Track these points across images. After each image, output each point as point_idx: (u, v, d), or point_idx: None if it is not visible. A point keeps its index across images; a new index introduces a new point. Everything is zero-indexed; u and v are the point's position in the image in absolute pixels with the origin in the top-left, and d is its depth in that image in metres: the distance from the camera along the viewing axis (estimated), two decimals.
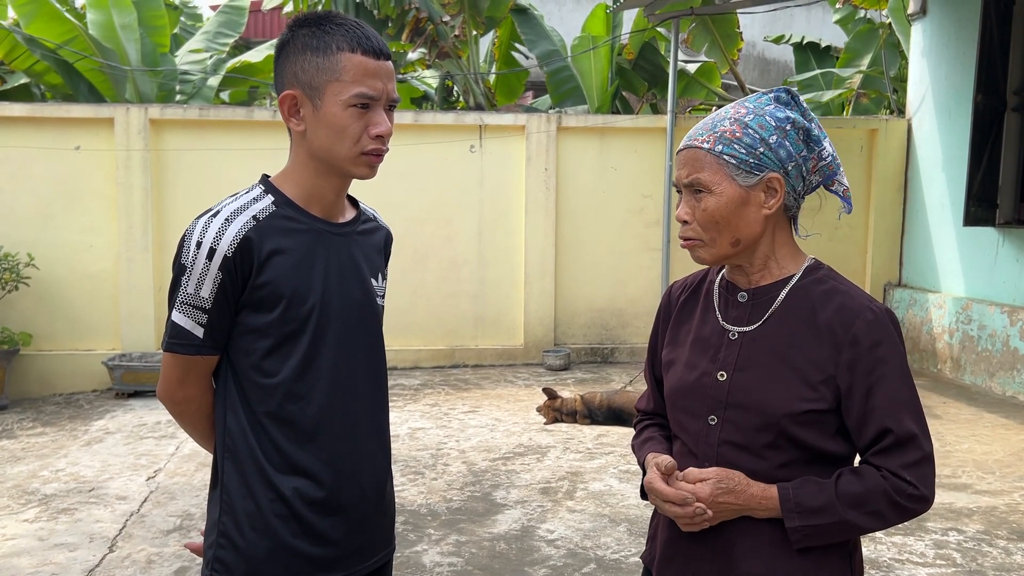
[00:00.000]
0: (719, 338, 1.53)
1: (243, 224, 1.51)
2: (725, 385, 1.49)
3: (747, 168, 1.44)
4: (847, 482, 1.41)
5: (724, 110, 1.50)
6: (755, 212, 1.46)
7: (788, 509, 1.40)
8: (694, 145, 1.47)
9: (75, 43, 7.79)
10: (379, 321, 1.70)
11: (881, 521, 1.41)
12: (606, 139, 7.76)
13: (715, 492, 1.42)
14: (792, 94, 1.50)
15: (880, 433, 1.40)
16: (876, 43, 9.77)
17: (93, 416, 6.15)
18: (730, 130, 1.45)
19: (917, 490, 1.39)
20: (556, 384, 6.81)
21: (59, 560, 3.67)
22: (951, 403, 6.33)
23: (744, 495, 1.42)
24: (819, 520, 1.39)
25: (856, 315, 1.43)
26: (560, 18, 12.80)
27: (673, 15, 7.57)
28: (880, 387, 1.41)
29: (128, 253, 7.05)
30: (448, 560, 3.66)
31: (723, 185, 1.44)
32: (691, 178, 1.46)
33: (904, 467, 1.39)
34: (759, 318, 1.50)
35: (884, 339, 1.42)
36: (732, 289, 1.55)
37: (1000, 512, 4.20)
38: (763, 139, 1.44)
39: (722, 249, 1.48)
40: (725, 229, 1.45)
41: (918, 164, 7.90)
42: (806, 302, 1.47)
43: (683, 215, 1.48)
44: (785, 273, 1.51)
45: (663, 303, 1.69)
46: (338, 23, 1.53)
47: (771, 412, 1.43)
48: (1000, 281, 6.76)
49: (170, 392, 1.59)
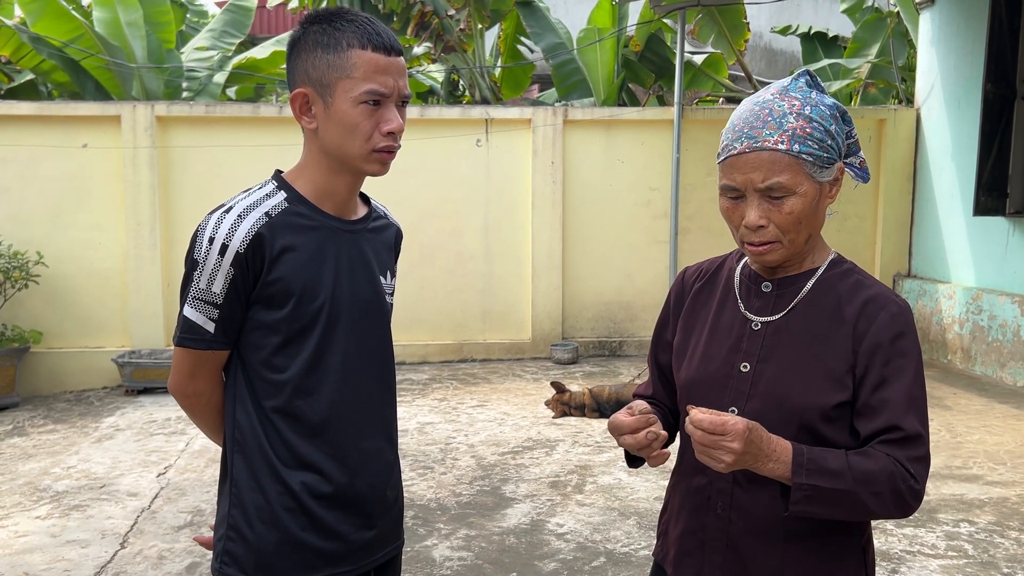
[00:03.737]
0: (741, 327, 1.50)
1: (256, 220, 1.51)
2: (749, 376, 1.46)
3: (821, 164, 1.40)
4: (858, 459, 1.37)
5: (774, 103, 1.42)
6: (824, 205, 1.44)
7: (799, 464, 1.34)
8: (766, 147, 1.38)
9: (81, 41, 7.81)
10: (388, 318, 1.71)
11: (879, 505, 1.36)
12: (613, 132, 7.74)
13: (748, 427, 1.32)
14: (813, 75, 1.47)
15: (888, 427, 1.39)
16: (884, 32, 9.71)
17: (103, 413, 6.18)
18: (799, 126, 1.38)
19: (917, 484, 1.38)
20: (564, 378, 6.80)
21: (71, 557, 3.69)
22: (961, 394, 6.30)
23: (765, 441, 1.34)
24: (827, 483, 1.33)
25: (881, 307, 1.42)
26: (565, 10, 12.76)
27: (679, 6, 7.53)
28: (896, 380, 1.39)
29: (136, 250, 7.07)
30: (458, 554, 3.67)
31: (805, 185, 1.39)
32: (770, 181, 1.38)
33: (909, 460, 1.37)
34: (783, 308, 1.47)
35: (906, 332, 1.42)
36: (756, 278, 1.52)
37: (1012, 503, 4.18)
38: (827, 130, 1.41)
39: (797, 247, 1.44)
40: (805, 228, 1.42)
41: (927, 154, 7.85)
42: (832, 295, 1.46)
43: (759, 220, 1.40)
44: (812, 265, 1.49)
45: (675, 288, 1.66)
46: (349, 19, 1.52)
47: (795, 405, 1.41)
48: (1010, 271, 6.72)
49: (181, 386, 1.60)
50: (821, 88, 1.46)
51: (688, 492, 1.54)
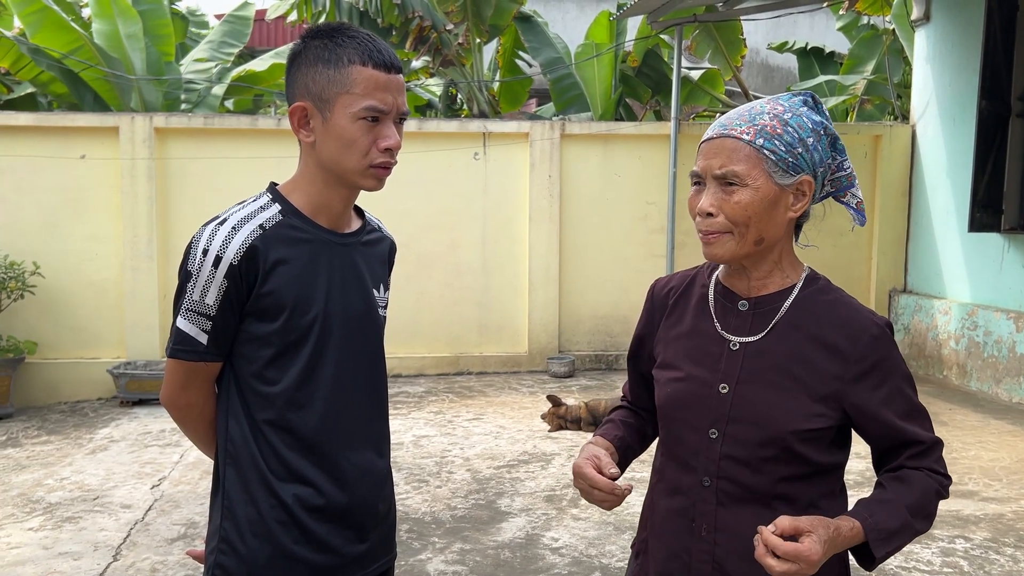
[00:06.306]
0: (719, 348, 1.47)
1: (249, 233, 1.51)
2: (728, 398, 1.44)
3: (784, 167, 1.38)
4: (904, 493, 1.41)
5: (759, 104, 1.43)
6: (782, 213, 1.41)
7: (875, 539, 1.35)
8: (731, 135, 1.39)
9: (81, 52, 7.83)
10: (380, 332, 1.71)
11: (932, 519, 1.44)
12: (610, 146, 7.77)
13: (823, 551, 1.29)
14: (816, 100, 1.47)
15: (906, 443, 1.44)
16: (880, 49, 9.77)
17: (98, 424, 6.16)
18: (771, 125, 1.39)
19: (948, 479, 1.45)
20: (560, 391, 6.79)
21: (63, 569, 3.67)
22: (957, 410, 6.30)
23: (840, 540, 1.33)
24: (899, 541, 1.38)
25: (863, 330, 1.42)
26: (564, 25, 12.83)
27: (677, 22, 7.58)
28: (894, 401, 1.42)
29: (133, 261, 7.07)
30: (452, 568, 3.65)
31: (760, 180, 1.38)
32: (725, 169, 1.38)
33: (937, 462, 1.45)
34: (762, 328, 1.45)
35: (890, 353, 1.43)
36: (730, 296, 1.50)
37: (1007, 519, 4.17)
38: (802, 139, 1.40)
39: (745, 247, 1.41)
40: (754, 226, 1.39)
41: (922, 170, 7.89)
42: (810, 314, 1.44)
43: (708, 207, 1.39)
44: (787, 282, 1.47)
45: (651, 299, 1.63)
46: (350, 35, 1.52)
47: (777, 428, 1.40)
48: (1006, 287, 6.73)
49: (173, 397, 1.60)
50: (819, 109, 1.46)
51: (669, 514, 1.51)
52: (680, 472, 1.49)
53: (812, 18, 13.67)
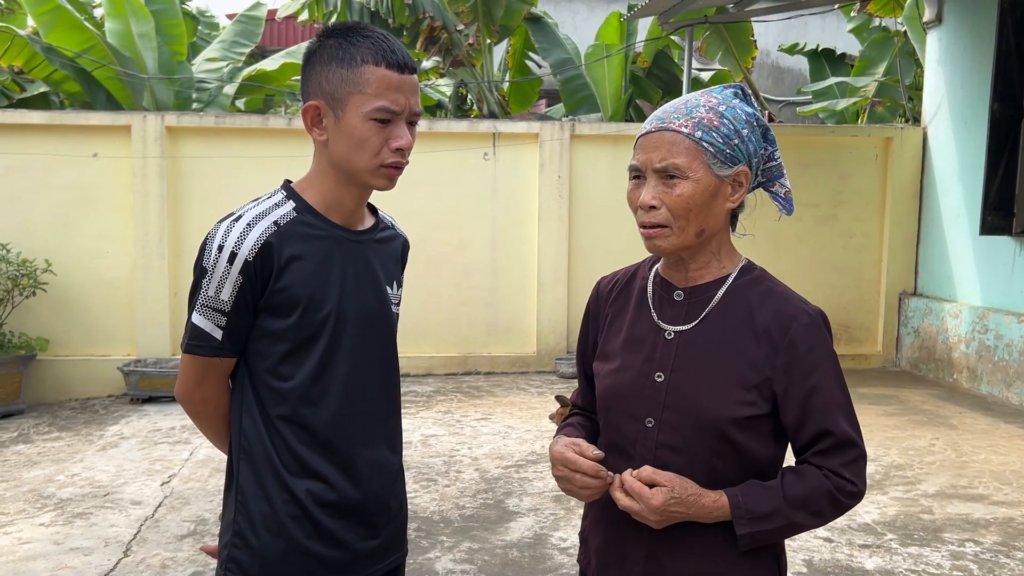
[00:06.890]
0: (654, 337, 1.49)
1: (264, 229, 1.52)
2: (663, 387, 1.46)
3: (722, 158, 1.41)
4: (791, 484, 1.41)
5: (693, 97, 1.45)
6: (721, 204, 1.43)
7: (739, 516, 1.39)
8: (670, 128, 1.41)
9: (93, 52, 7.88)
10: (393, 329, 1.71)
11: (821, 519, 1.43)
12: (620, 147, 7.76)
13: (668, 502, 1.38)
14: (746, 92, 1.49)
15: (819, 435, 1.42)
16: (891, 51, 9.75)
17: (108, 421, 6.19)
18: (707, 117, 1.41)
19: (855, 487, 1.42)
20: (569, 392, 6.79)
21: (74, 564, 3.69)
22: (967, 413, 6.27)
23: (695, 506, 1.39)
24: (768, 525, 1.39)
25: (793, 318, 1.43)
26: (574, 26, 12.83)
27: (687, 23, 7.58)
28: (817, 391, 1.42)
29: (144, 260, 7.10)
30: (461, 567, 3.66)
31: (700, 172, 1.39)
32: (666, 162, 1.40)
33: (843, 465, 1.42)
34: (695, 317, 1.47)
35: (820, 343, 1.43)
36: (667, 287, 1.52)
37: (1017, 523, 4.16)
38: (737, 131, 1.42)
39: (687, 239, 1.42)
40: (695, 218, 1.41)
41: (934, 173, 7.86)
42: (743, 303, 1.46)
43: (651, 200, 1.41)
44: (723, 272, 1.49)
45: (592, 299, 1.65)
46: (365, 35, 1.53)
47: (710, 415, 1.42)
48: (1017, 290, 6.70)
49: (188, 393, 1.61)
50: (748, 101, 1.48)
51: (606, 503, 1.51)
52: (619, 461, 1.49)
53: (823, 20, 13.63)
